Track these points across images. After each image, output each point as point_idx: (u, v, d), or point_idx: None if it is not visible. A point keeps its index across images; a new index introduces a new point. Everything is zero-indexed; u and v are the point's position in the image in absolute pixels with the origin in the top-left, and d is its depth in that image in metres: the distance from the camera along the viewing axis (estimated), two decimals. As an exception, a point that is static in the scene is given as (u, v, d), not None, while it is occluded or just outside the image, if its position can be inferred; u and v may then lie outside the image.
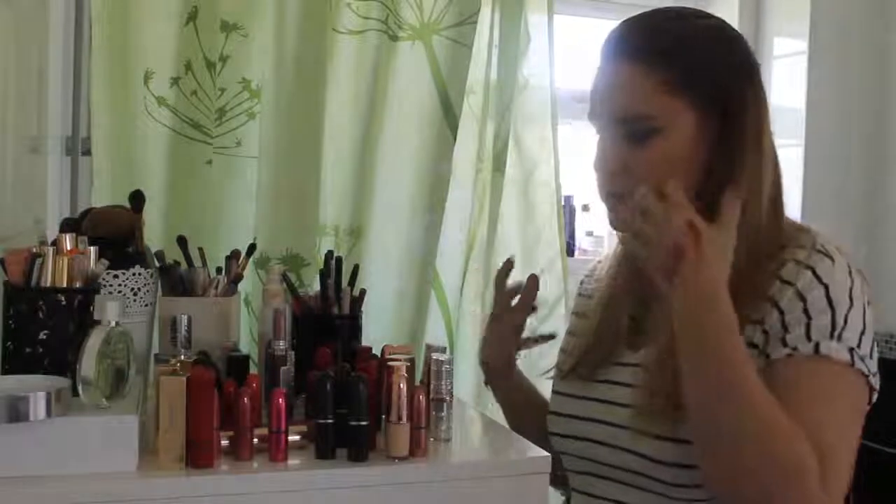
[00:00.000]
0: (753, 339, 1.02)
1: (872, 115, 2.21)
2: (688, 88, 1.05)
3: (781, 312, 1.01)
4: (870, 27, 2.20)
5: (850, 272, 1.03)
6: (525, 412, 1.28)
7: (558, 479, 1.16)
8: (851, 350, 0.99)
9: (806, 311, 1.00)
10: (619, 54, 1.08)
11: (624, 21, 1.11)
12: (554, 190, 1.92)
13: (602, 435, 1.11)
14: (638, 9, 1.13)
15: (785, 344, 1.00)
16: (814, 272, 1.01)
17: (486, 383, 1.31)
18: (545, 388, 1.33)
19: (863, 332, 1.01)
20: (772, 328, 1.02)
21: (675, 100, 1.05)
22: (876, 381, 1.02)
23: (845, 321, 1.00)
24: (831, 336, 0.99)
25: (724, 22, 1.12)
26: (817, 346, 0.99)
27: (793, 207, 1.13)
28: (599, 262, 1.30)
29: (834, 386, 1.00)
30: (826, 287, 1.01)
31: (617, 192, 1.09)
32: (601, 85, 1.10)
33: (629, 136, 1.06)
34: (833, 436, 0.97)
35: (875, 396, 1.03)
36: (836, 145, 2.19)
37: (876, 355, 1.03)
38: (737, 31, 1.12)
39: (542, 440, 1.13)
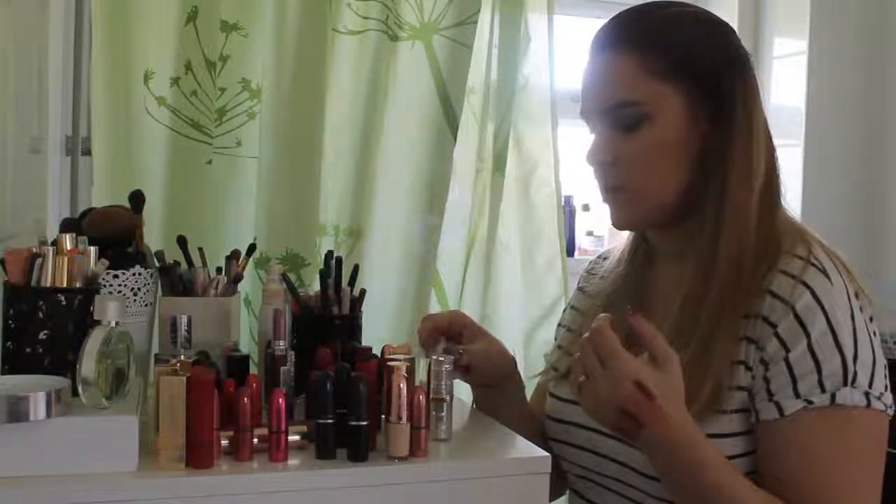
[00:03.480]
0: (745, 359, 1.01)
1: (872, 115, 2.21)
2: (675, 74, 1.04)
3: (783, 344, 0.99)
4: (869, 27, 2.20)
5: (847, 291, 1.01)
6: (522, 420, 1.23)
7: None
8: (866, 393, 0.97)
9: (811, 349, 0.97)
10: (605, 45, 1.08)
11: (611, 17, 1.11)
12: (554, 190, 1.92)
13: (590, 442, 1.11)
14: (636, 9, 1.13)
15: (798, 395, 0.98)
16: (812, 293, 0.99)
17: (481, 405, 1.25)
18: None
19: (874, 365, 0.99)
20: (773, 362, 0.99)
21: (663, 85, 1.04)
22: (892, 409, 1.00)
23: (855, 360, 0.97)
24: (845, 382, 0.97)
25: (709, 12, 1.12)
26: (833, 396, 0.97)
27: (792, 207, 1.12)
28: (604, 258, 1.28)
29: (853, 435, 0.98)
30: (827, 316, 0.98)
31: (614, 185, 1.09)
32: (589, 78, 1.10)
33: (619, 124, 1.06)
34: (850, 493, 0.97)
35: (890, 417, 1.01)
36: (836, 145, 2.18)
37: (887, 381, 1.00)
38: (723, 20, 1.12)
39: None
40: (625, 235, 1.23)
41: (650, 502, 1.05)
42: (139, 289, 1.15)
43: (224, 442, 0.94)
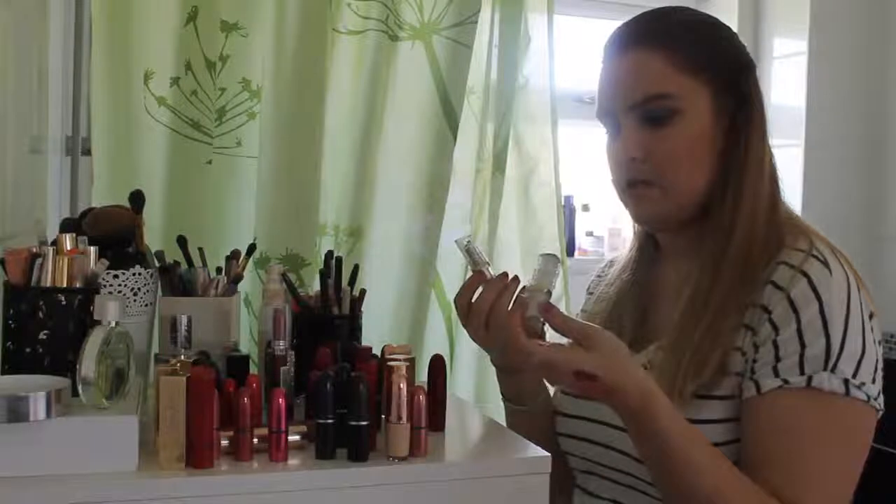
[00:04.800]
0: (741, 345, 1.02)
1: (872, 115, 2.21)
2: (702, 70, 1.06)
3: (775, 327, 1.00)
4: (870, 27, 2.20)
5: (848, 283, 1.01)
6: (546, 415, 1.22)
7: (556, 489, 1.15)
8: (846, 381, 0.97)
9: (800, 332, 0.98)
10: (629, 44, 1.09)
11: (628, 20, 1.12)
12: (554, 190, 1.92)
13: (598, 435, 1.12)
14: (637, 9, 1.14)
15: (777, 374, 0.99)
16: (809, 281, 1.00)
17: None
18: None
19: (861, 358, 0.98)
20: (763, 344, 1.00)
21: (692, 80, 1.06)
22: (880, 402, 1.00)
23: (841, 348, 0.98)
24: (825, 367, 0.97)
25: (716, 17, 1.15)
26: (809, 379, 0.97)
27: (792, 208, 1.13)
28: (611, 262, 1.29)
29: (826, 421, 0.98)
30: (821, 303, 0.98)
31: (642, 180, 1.09)
32: (613, 76, 1.10)
33: (648, 120, 1.07)
34: (816, 481, 0.97)
35: (880, 414, 1.01)
36: (836, 145, 2.19)
37: (880, 376, 1.00)
38: (729, 26, 1.15)
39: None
40: (629, 240, 1.23)
41: (649, 489, 1.06)
42: (139, 289, 1.15)
43: (224, 442, 0.94)
